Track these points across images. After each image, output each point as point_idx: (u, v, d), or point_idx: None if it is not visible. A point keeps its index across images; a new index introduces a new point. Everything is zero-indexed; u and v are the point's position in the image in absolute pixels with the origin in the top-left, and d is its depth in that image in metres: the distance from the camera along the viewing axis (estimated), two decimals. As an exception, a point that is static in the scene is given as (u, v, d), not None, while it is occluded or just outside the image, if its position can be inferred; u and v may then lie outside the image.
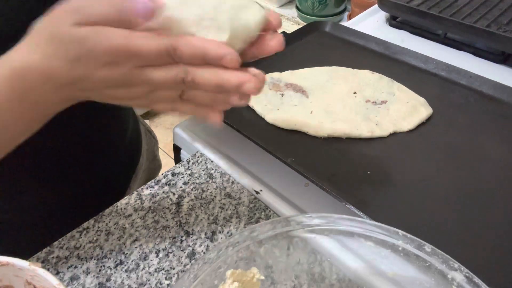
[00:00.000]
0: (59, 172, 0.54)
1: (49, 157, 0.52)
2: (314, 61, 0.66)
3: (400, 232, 0.35)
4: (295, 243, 0.36)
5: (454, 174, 0.49)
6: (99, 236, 0.47)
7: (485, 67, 0.70)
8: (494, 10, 0.74)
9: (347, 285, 0.38)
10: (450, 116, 0.57)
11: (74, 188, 0.57)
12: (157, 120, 2.13)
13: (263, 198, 0.51)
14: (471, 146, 0.53)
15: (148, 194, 0.52)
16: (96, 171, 0.59)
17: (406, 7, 0.76)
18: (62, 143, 0.52)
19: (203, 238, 0.47)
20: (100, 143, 0.58)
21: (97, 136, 0.57)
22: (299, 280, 0.38)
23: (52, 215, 0.56)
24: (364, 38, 0.72)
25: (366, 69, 0.64)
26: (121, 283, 0.43)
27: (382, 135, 0.54)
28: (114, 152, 0.62)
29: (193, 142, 0.58)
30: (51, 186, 0.54)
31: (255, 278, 0.35)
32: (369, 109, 0.57)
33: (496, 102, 0.60)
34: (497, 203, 0.46)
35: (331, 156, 0.51)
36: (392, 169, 0.50)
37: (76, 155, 0.55)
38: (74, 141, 0.54)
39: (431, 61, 0.66)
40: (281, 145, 0.52)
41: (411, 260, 0.34)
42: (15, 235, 0.54)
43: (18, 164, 0.49)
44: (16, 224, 0.54)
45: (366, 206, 0.44)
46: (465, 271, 0.32)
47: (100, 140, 0.58)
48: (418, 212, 0.46)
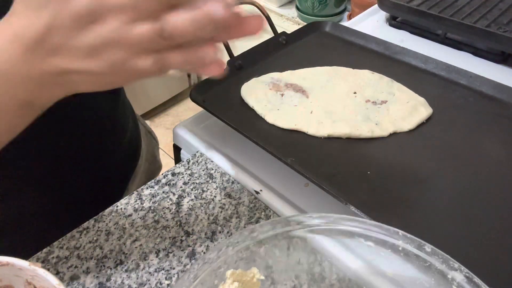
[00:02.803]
0: (57, 174, 0.54)
1: (48, 158, 0.52)
2: (314, 61, 0.66)
3: (400, 232, 0.35)
4: (295, 243, 0.36)
5: (454, 174, 0.49)
6: (99, 236, 0.47)
7: (485, 67, 0.70)
8: (494, 10, 0.74)
9: (347, 285, 0.38)
10: (450, 116, 0.57)
11: (72, 189, 0.57)
12: (157, 120, 2.13)
13: (263, 198, 0.51)
14: (471, 146, 0.53)
15: (148, 194, 0.52)
16: (93, 173, 0.59)
17: (406, 7, 0.76)
18: (60, 144, 0.52)
19: (203, 238, 0.47)
20: (99, 145, 0.58)
21: (96, 139, 0.57)
22: (299, 280, 0.38)
23: (52, 215, 0.56)
24: (364, 38, 0.72)
25: (366, 69, 0.64)
26: (121, 283, 0.43)
27: (382, 135, 0.54)
28: (113, 154, 0.62)
29: (193, 142, 0.58)
30: (50, 187, 0.54)
31: (255, 278, 0.35)
32: (369, 109, 0.57)
33: (496, 102, 0.60)
34: (497, 203, 0.46)
35: (331, 156, 0.51)
36: (392, 169, 0.50)
37: (75, 157, 0.55)
38: (72, 143, 0.54)
39: (431, 61, 0.66)
40: (281, 145, 0.52)
41: (411, 260, 0.34)
42: (15, 235, 0.54)
43: (18, 165, 0.49)
44: (16, 224, 0.54)
45: (366, 206, 0.44)
46: (465, 271, 0.32)
47: (99, 143, 0.58)
48: (418, 212, 0.46)
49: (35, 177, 0.52)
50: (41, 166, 0.52)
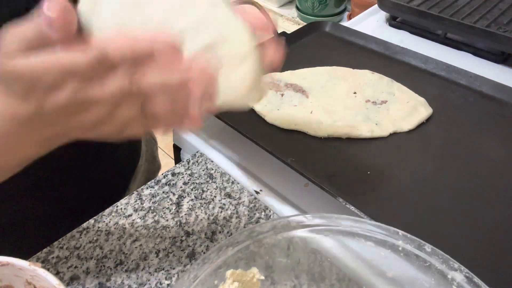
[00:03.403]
0: (57, 174, 0.54)
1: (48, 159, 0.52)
2: (314, 61, 0.66)
3: (400, 232, 0.35)
4: (295, 243, 0.36)
5: (454, 174, 0.49)
6: (99, 236, 0.47)
7: (485, 67, 0.70)
8: (494, 10, 0.74)
9: (347, 285, 0.38)
10: (450, 116, 0.57)
11: (72, 190, 0.57)
12: (157, 120, 2.12)
13: (263, 198, 0.51)
14: (471, 146, 0.53)
15: (148, 194, 0.52)
16: (94, 174, 0.59)
17: (406, 7, 0.76)
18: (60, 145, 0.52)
19: (203, 238, 0.47)
20: (99, 145, 0.58)
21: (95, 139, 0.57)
22: (299, 280, 0.38)
23: (52, 215, 0.56)
24: (364, 38, 0.72)
25: (366, 69, 0.64)
26: (121, 283, 0.43)
27: (382, 135, 0.54)
28: (113, 154, 0.62)
29: (193, 142, 0.58)
30: (50, 188, 0.54)
31: (255, 278, 0.35)
32: (369, 109, 0.57)
33: (496, 102, 0.60)
34: (497, 203, 0.46)
35: (331, 156, 0.51)
36: (392, 169, 0.50)
37: (75, 157, 0.55)
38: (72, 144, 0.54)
39: (431, 61, 0.66)
40: (281, 145, 0.52)
41: (411, 260, 0.34)
42: (15, 235, 0.54)
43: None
44: (16, 224, 0.54)
45: (366, 206, 0.44)
46: (465, 271, 0.32)
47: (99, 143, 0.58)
48: (418, 212, 0.46)
49: (35, 178, 0.52)
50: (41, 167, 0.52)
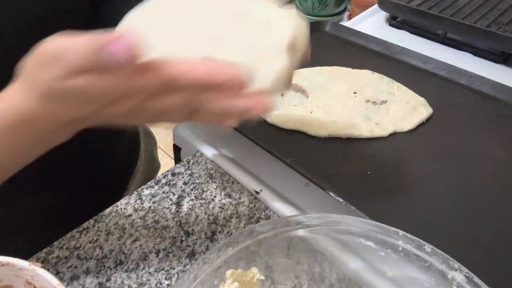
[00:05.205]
0: (57, 174, 0.54)
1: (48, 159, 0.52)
2: (314, 61, 0.66)
3: (400, 232, 0.35)
4: (295, 243, 0.36)
5: (454, 174, 0.49)
6: (99, 236, 0.47)
7: (485, 67, 0.70)
8: (494, 10, 0.74)
9: (347, 285, 0.38)
10: (450, 116, 0.57)
11: (72, 189, 0.57)
12: (157, 120, 2.12)
13: (263, 198, 0.51)
14: (471, 146, 0.53)
15: (148, 194, 0.52)
16: (93, 174, 0.59)
17: (406, 7, 0.76)
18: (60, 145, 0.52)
19: (203, 238, 0.47)
20: (98, 145, 0.58)
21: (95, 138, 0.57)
22: (299, 280, 0.38)
23: (52, 215, 0.56)
24: (364, 38, 0.72)
25: (366, 69, 0.64)
26: (121, 283, 0.43)
27: (382, 135, 0.54)
28: (112, 154, 0.62)
29: (193, 142, 0.58)
30: (50, 188, 0.54)
31: (255, 278, 0.35)
32: (369, 109, 0.57)
33: (496, 102, 0.60)
34: (497, 203, 0.46)
35: (331, 156, 0.51)
36: (392, 169, 0.50)
37: (75, 157, 0.55)
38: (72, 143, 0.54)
39: (431, 61, 0.66)
40: (281, 145, 0.52)
41: (411, 260, 0.34)
42: (15, 235, 0.54)
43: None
44: (16, 224, 0.54)
45: (366, 206, 0.44)
46: (465, 271, 0.32)
47: (98, 143, 0.58)
48: (418, 212, 0.46)
49: (34, 178, 0.52)
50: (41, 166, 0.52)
